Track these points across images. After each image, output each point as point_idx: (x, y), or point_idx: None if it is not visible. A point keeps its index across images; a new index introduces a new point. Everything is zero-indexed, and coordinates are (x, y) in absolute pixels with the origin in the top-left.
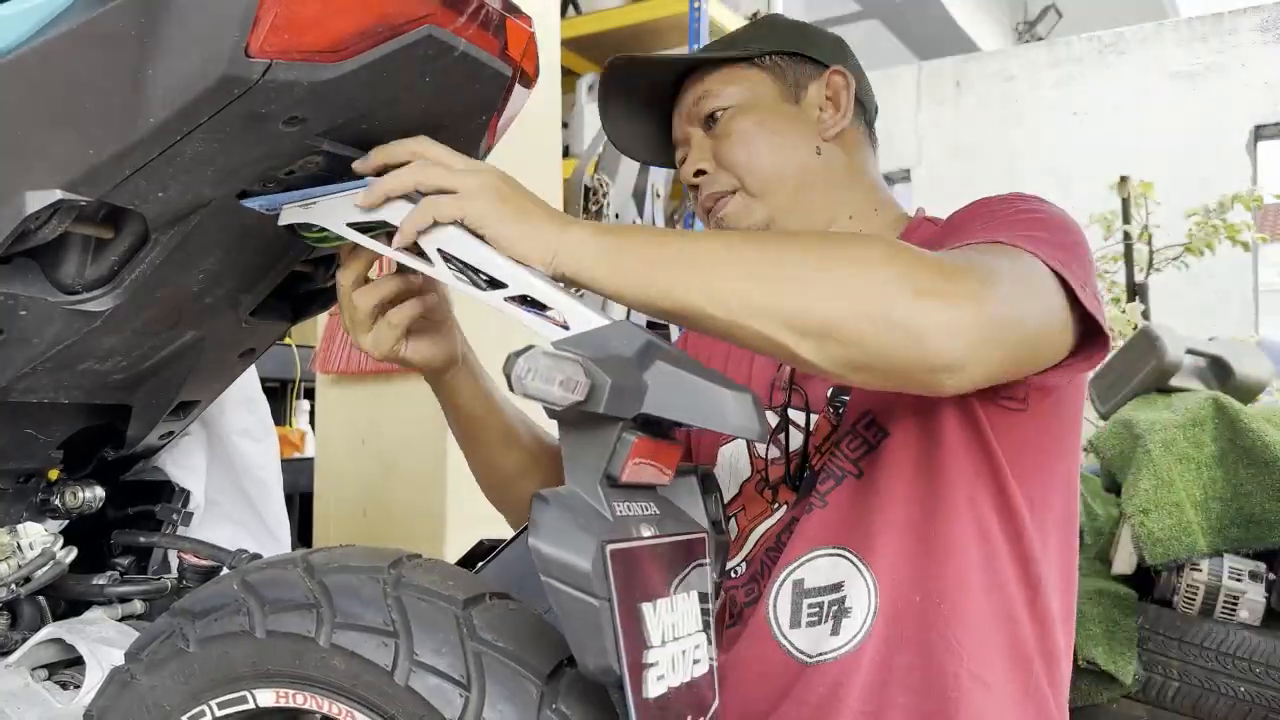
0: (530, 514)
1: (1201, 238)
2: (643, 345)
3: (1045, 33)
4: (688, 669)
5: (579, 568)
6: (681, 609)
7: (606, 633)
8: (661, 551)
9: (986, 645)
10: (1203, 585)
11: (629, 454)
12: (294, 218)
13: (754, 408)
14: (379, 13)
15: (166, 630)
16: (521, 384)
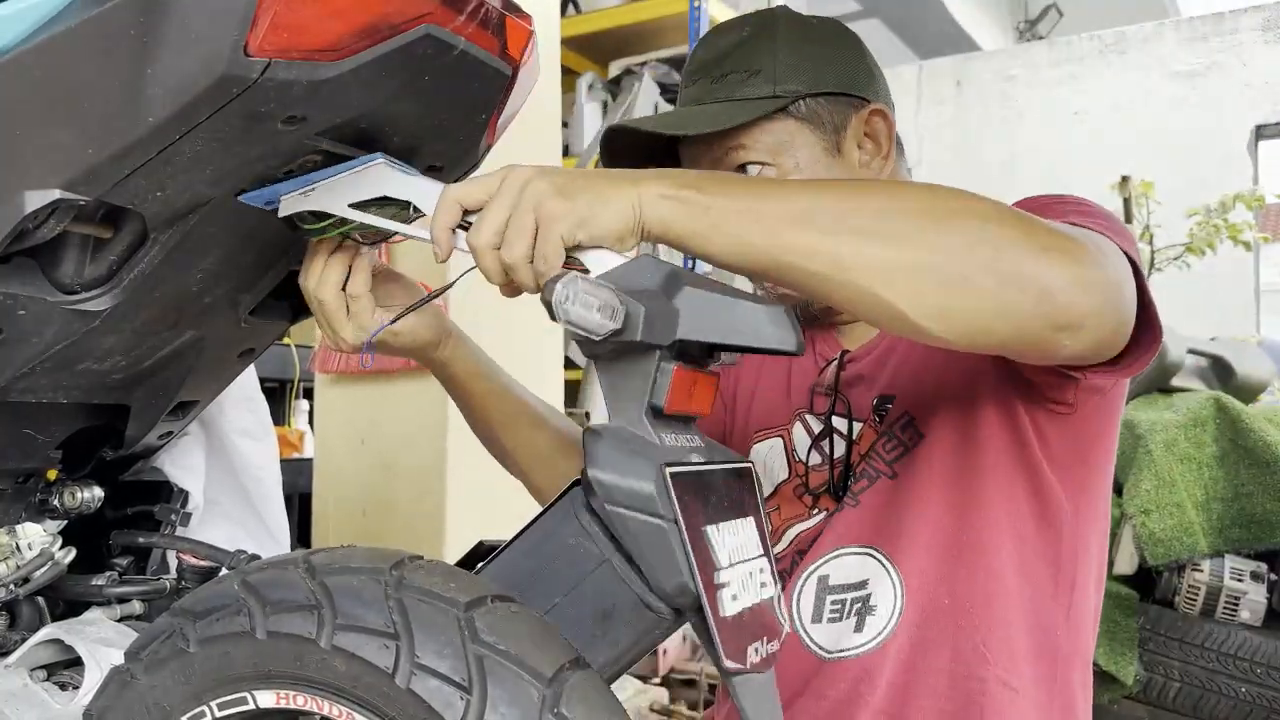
0: (584, 446)
1: (1203, 237)
2: (668, 274)
3: (1046, 32)
4: (756, 591)
5: (643, 490)
6: (742, 533)
7: (678, 552)
8: (714, 477)
9: (1016, 650)
10: (1204, 586)
11: (670, 382)
12: (294, 207)
13: (788, 320)
14: (378, 12)
15: (166, 630)
16: (563, 309)
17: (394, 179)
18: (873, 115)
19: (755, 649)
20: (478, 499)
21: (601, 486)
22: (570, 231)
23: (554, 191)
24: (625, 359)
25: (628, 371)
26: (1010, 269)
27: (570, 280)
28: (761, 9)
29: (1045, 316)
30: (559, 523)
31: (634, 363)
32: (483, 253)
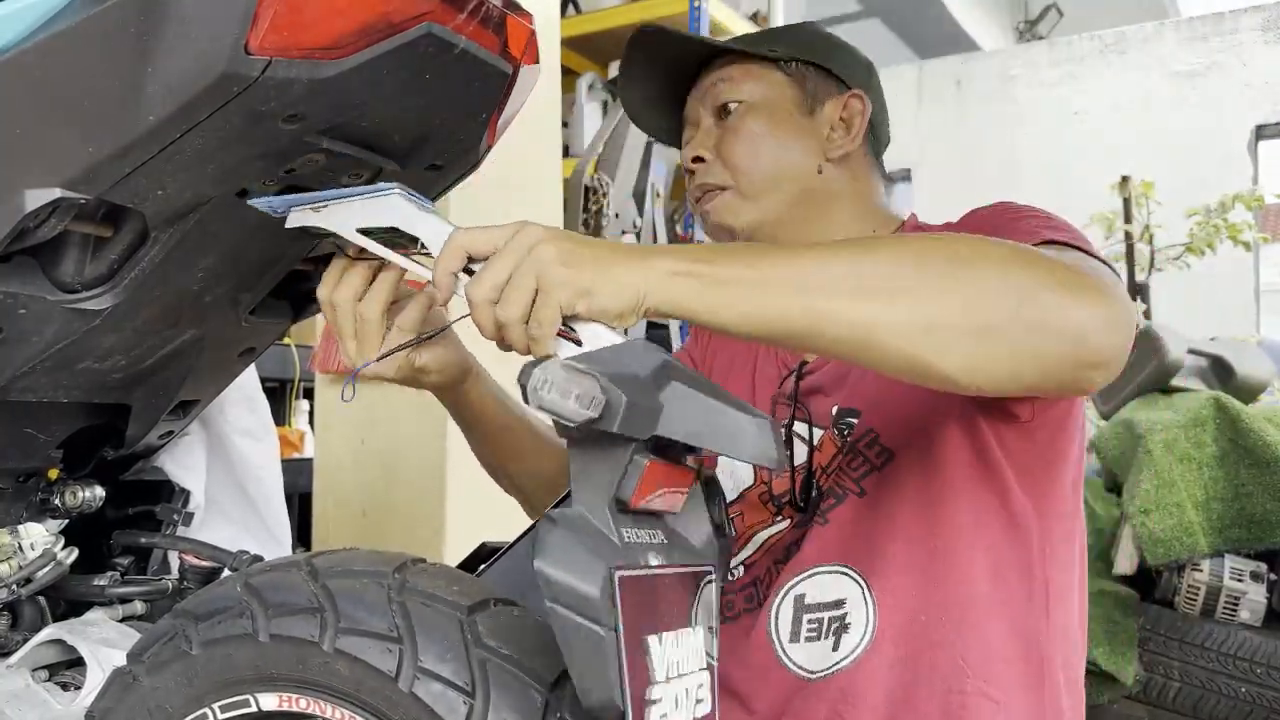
0: (537, 535)
1: (1203, 237)
2: (659, 365)
3: (1046, 32)
4: (690, 709)
5: (586, 594)
6: (687, 645)
7: (611, 664)
8: (669, 583)
9: (996, 662)
10: (1204, 586)
11: (641, 477)
12: (302, 221)
13: (772, 435)
14: (379, 10)
15: (169, 632)
16: (537, 396)
17: (406, 212)
18: (851, 98)
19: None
20: (478, 500)
21: (545, 581)
22: (570, 301)
23: (560, 258)
24: (598, 445)
25: (598, 459)
26: (1037, 315)
27: (548, 366)
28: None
29: (1076, 358)
30: None
31: (606, 451)
32: (479, 306)
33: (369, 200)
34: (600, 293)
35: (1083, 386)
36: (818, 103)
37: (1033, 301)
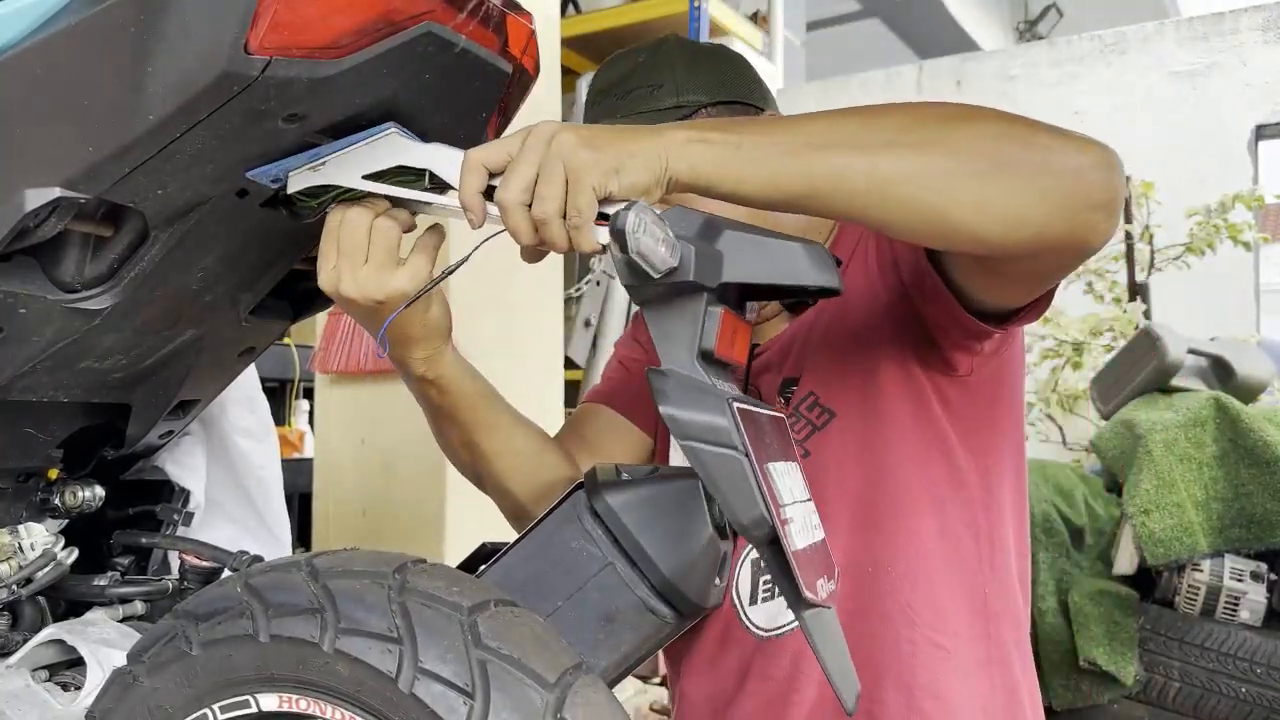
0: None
1: (1203, 237)
2: (705, 220)
3: (1046, 32)
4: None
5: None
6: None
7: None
8: (765, 421)
9: (945, 611)
10: (1204, 585)
11: (719, 326)
12: (303, 182)
13: (829, 259)
14: (379, 9)
15: (169, 632)
16: (635, 239)
17: (408, 147)
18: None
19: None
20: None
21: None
22: (602, 181)
23: (581, 143)
24: (674, 302)
25: (677, 315)
26: (1039, 157)
27: (642, 209)
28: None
29: (1081, 196)
30: (561, 526)
31: (683, 306)
32: (512, 210)
33: (368, 145)
34: (628, 167)
35: (1087, 233)
36: None
37: (1033, 145)
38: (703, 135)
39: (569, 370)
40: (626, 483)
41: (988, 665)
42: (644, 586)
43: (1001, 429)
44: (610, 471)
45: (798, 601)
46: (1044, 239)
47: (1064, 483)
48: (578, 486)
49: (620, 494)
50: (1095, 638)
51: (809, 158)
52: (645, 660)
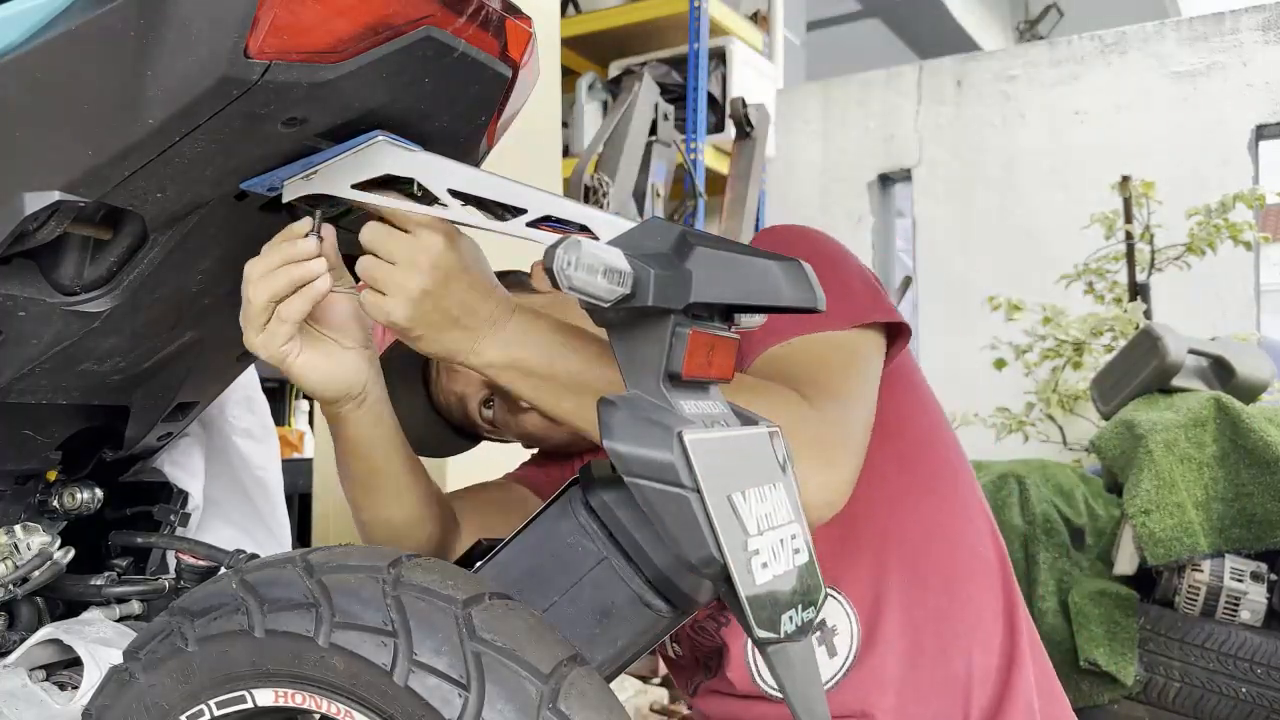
0: (600, 418)
1: (1203, 237)
2: (678, 236)
3: (1046, 32)
4: (789, 558)
5: (661, 460)
6: (771, 499)
7: (702, 522)
8: (740, 443)
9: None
10: (1204, 586)
11: (686, 347)
12: (297, 191)
13: (807, 276)
14: (378, 14)
15: (165, 629)
16: (566, 276)
17: (395, 156)
18: None
19: (789, 617)
20: None
21: (618, 458)
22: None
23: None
24: (639, 325)
25: (642, 338)
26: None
27: (570, 244)
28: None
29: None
30: (557, 521)
31: (648, 328)
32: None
33: (357, 154)
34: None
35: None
36: None
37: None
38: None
39: None
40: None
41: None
42: (639, 581)
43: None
44: (606, 467)
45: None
46: None
47: (1064, 483)
48: (573, 482)
49: (615, 489)
50: (1095, 638)
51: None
52: (641, 655)
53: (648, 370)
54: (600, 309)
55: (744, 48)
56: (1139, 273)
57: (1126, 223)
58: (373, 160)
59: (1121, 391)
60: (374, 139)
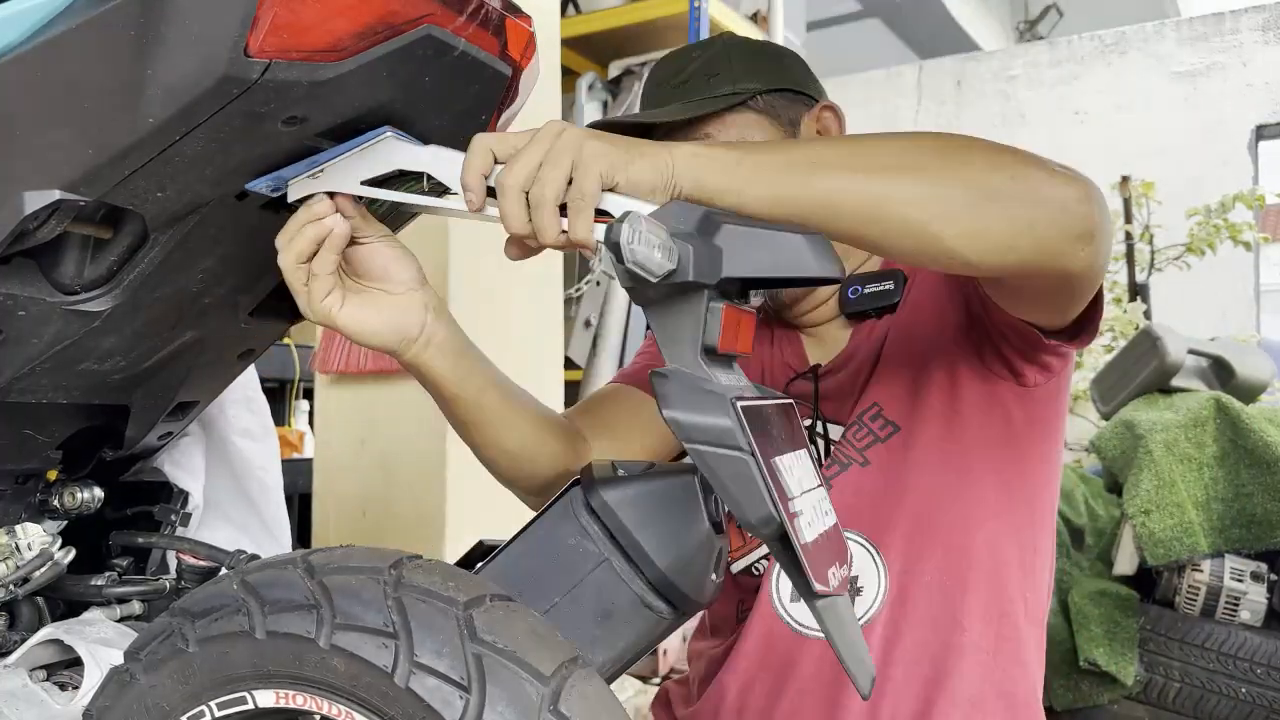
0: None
1: (1203, 237)
2: (703, 215)
3: (1046, 32)
4: (823, 519)
5: (722, 425)
6: (801, 465)
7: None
8: (771, 412)
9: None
10: (1204, 586)
11: (721, 321)
12: (304, 190)
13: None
14: (379, 12)
15: (166, 630)
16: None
17: (405, 150)
18: (824, 111)
19: (833, 573)
20: (478, 499)
21: (679, 426)
22: (609, 171)
23: (591, 137)
24: (676, 301)
25: (679, 314)
26: (1028, 188)
27: (634, 219)
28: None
29: (1064, 227)
30: (558, 522)
31: (685, 304)
32: (509, 192)
33: (364, 150)
34: (634, 164)
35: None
36: (794, 127)
37: (1022, 176)
38: (709, 150)
39: (569, 370)
40: (623, 479)
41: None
42: (640, 582)
43: (1051, 444)
44: (606, 468)
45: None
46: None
47: (1064, 483)
48: (574, 483)
49: (616, 490)
50: (1095, 638)
51: (808, 176)
52: (642, 656)
53: (686, 345)
54: (645, 286)
55: None
56: (1139, 273)
57: (1126, 223)
58: (382, 156)
59: (1121, 392)
60: (383, 135)
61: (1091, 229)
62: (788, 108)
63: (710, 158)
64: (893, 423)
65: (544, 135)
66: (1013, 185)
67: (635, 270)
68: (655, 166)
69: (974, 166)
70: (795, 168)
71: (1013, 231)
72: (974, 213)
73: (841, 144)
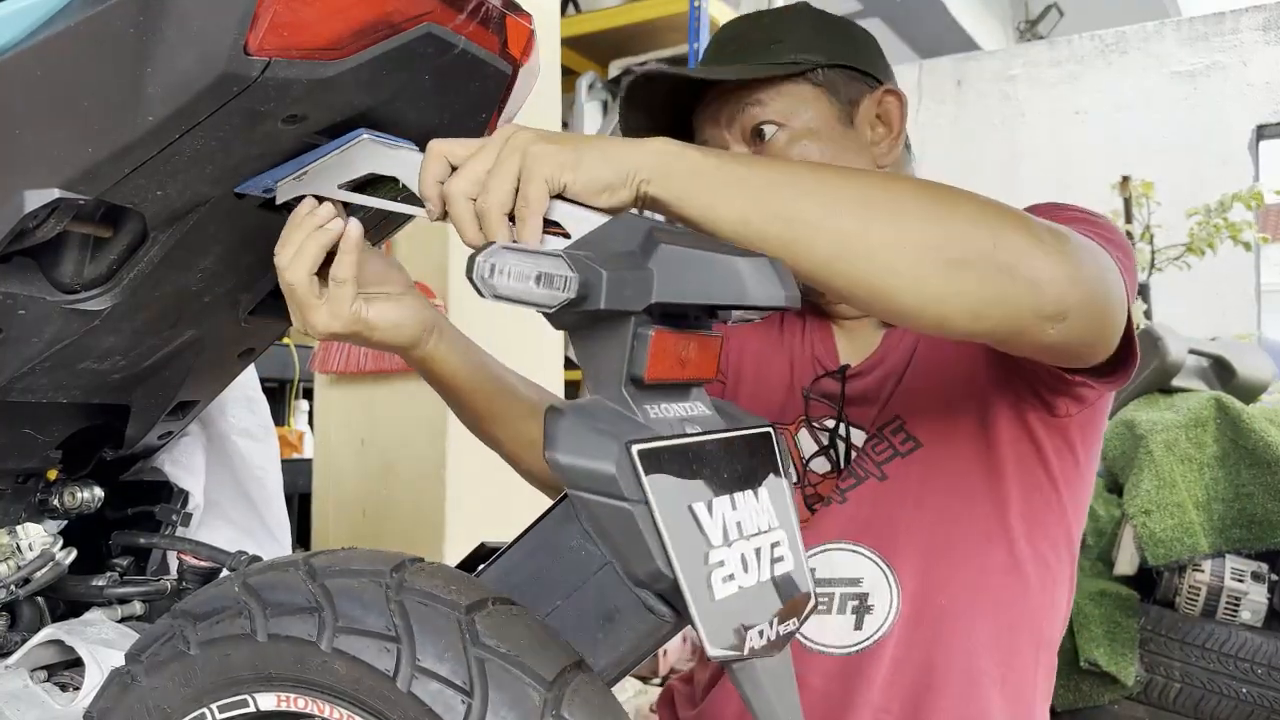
0: (544, 427)
1: (1203, 237)
2: (645, 233)
3: (1046, 32)
4: (765, 568)
5: (602, 472)
6: (748, 506)
7: (649, 536)
8: (710, 448)
9: (1002, 642)
10: (1205, 586)
11: (649, 350)
12: (289, 193)
13: (774, 272)
14: (378, 10)
15: (167, 632)
16: (488, 285)
17: (378, 154)
18: (886, 95)
19: (760, 631)
20: (478, 499)
21: (559, 469)
22: (556, 173)
23: (540, 139)
24: (598, 328)
25: (601, 341)
26: (1007, 258)
27: (492, 251)
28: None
29: (1035, 307)
30: (560, 525)
31: (608, 331)
32: (455, 200)
33: (342, 153)
34: (587, 162)
35: (1038, 337)
36: (854, 107)
37: (1004, 244)
38: (684, 149)
39: (569, 370)
40: None
41: (1031, 689)
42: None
43: (1083, 474)
44: None
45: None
46: (996, 336)
47: None
48: None
49: None
50: (1096, 638)
51: (784, 203)
52: (644, 659)
53: (609, 375)
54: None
55: None
56: (1139, 273)
57: (1126, 223)
58: (358, 159)
59: (1122, 392)
60: (358, 138)
61: (1064, 310)
62: (848, 85)
63: (683, 158)
64: (914, 438)
65: (494, 141)
66: (993, 252)
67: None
68: (611, 162)
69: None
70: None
71: (980, 300)
72: (944, 276)
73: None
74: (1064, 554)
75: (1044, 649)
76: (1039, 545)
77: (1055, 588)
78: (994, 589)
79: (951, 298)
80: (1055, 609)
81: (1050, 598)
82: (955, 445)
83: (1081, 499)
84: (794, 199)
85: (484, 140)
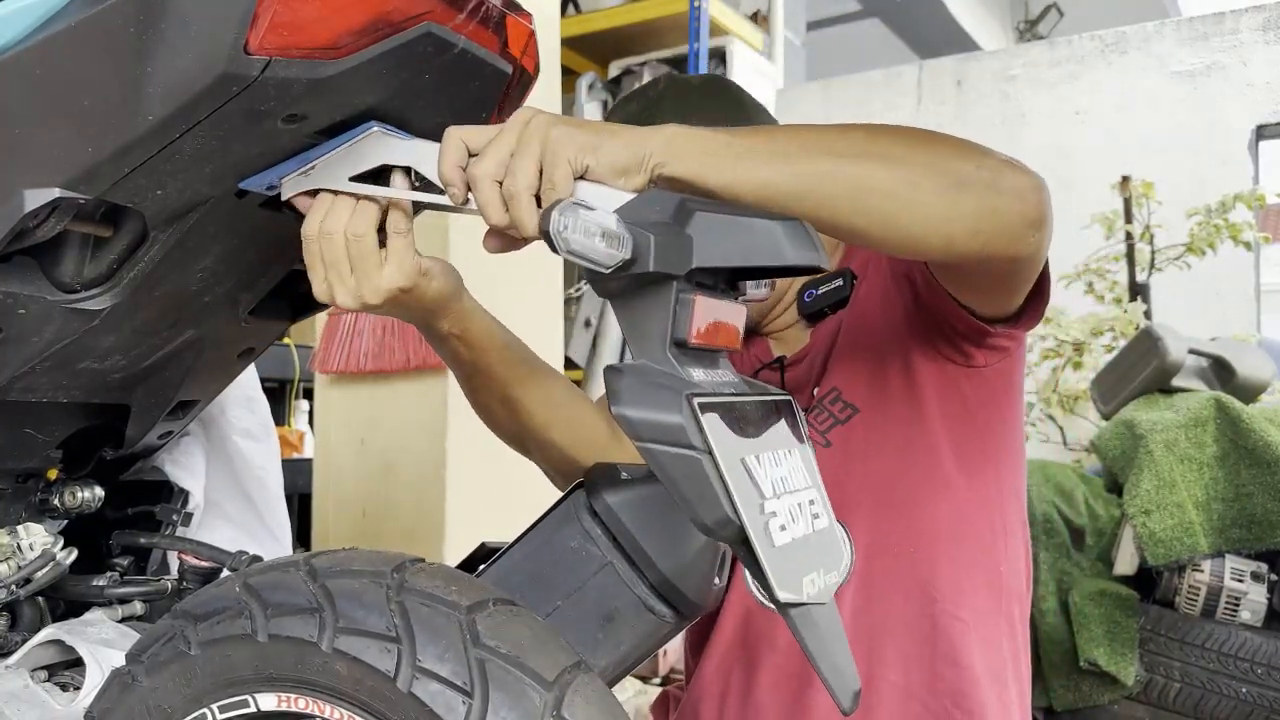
0: (606, 385)
1: (1203, 237)
2: (678, 203)
3: (1046, 32)
4: (808, 522)
5: (670, 422)
6: (787, 464)
7: (715, 484)
8: (749, 409)
9: (963, 587)
10: (1204, 586)
11: (691, 313)
12: (296, 188)
13: (808, 235)
14: (378, 10)
15: (168, 632)
16: (562, 239)
17: (390, 145)
18: None
19: (812, 579)
20: (478, 499)
21: (628, 423)
22: (578, 155)
23: (560, 122)
24: (642, 293)
25: (646, 306)
26: (990, 176)
27: (567, 207)
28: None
29: (1022, 214)
30: (561, 526)
31: (652, 296)
32: (481, 183)
33: (352, 146)
34: (606, 146)
35: (1023, 247)
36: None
37: (986, 165)
38: (694, 131)
39: (569, 370)
40: (625, 482)
41: (1001, 636)
42: (643, 586)
43: (1009, 419)
44: (609, 471)
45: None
46: (987, 250)
47: (1064, 483)
48: (577, 486)
49: (619, 493)
50: (1096, 638)
51: (793, 161)
52: (644, 660)
53: (653, 338)
54: (602, 277)
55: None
56: (1139, 273)
57: (1126, 223)
58: (369, 151)
59: (1122, 392)
60: (369, 130)
61: (1043, 215)
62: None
63: (695, 139)
64: (851, 405)
65: (513, 124)
66: (978, 173)
67: (577, 261)
68: (629, 146)
69: (944, 155)
70: (784, 152)
71: (978, 216)
72: (943, 201)
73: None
74: (1009, 503)
75: (1006, 597)
76: (982, 492)
77: (1008, 536)
78: (943, 537)
79: (956, 218)
80: (1012, 558)
81: (1004, 546)
82: (888, 406)
83: (1014, 448)
84: (806, 158)
85: (500, 125)
